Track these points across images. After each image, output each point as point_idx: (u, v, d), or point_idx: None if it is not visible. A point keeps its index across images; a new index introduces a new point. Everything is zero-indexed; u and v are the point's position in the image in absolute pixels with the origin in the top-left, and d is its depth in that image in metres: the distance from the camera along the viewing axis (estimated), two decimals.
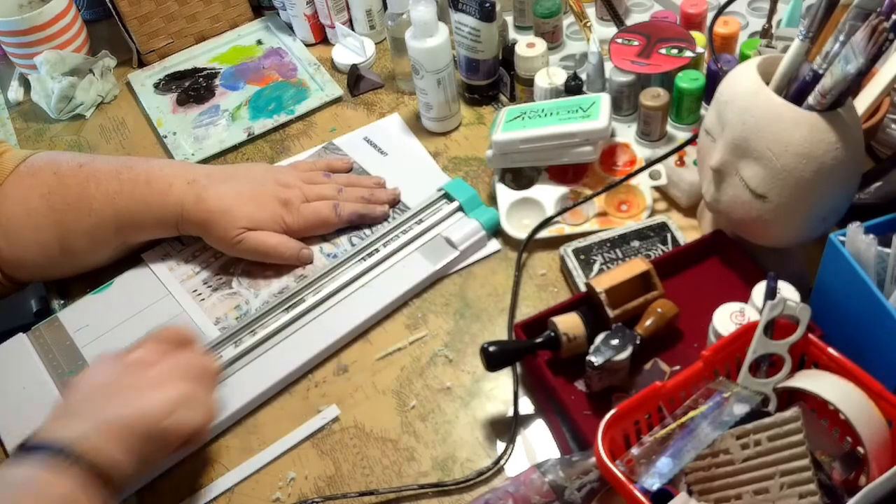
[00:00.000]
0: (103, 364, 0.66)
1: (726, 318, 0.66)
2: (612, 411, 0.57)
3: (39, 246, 0.81)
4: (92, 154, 0.88)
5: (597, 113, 0.82)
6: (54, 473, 0.56)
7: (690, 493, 0.58)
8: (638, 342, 0.68)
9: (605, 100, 0.84)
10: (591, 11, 1.01)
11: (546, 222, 0.82)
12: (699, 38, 0.87)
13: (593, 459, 0.60)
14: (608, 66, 0.89)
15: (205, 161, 0.98)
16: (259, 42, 1.15)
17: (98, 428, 0.60)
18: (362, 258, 0.83)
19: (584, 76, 0.90)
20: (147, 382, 0.64)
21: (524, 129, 0.83)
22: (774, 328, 0.61)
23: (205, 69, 1.11)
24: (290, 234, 0.83)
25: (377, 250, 0.84)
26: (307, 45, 1.12)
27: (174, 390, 0.64)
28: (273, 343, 0.78)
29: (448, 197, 0.87)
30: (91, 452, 0.58)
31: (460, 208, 0.86)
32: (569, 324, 0.69)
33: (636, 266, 0.72)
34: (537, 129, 0.83)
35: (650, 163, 0.82)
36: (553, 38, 0.98)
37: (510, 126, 0.84)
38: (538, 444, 0.70)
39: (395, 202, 0.89)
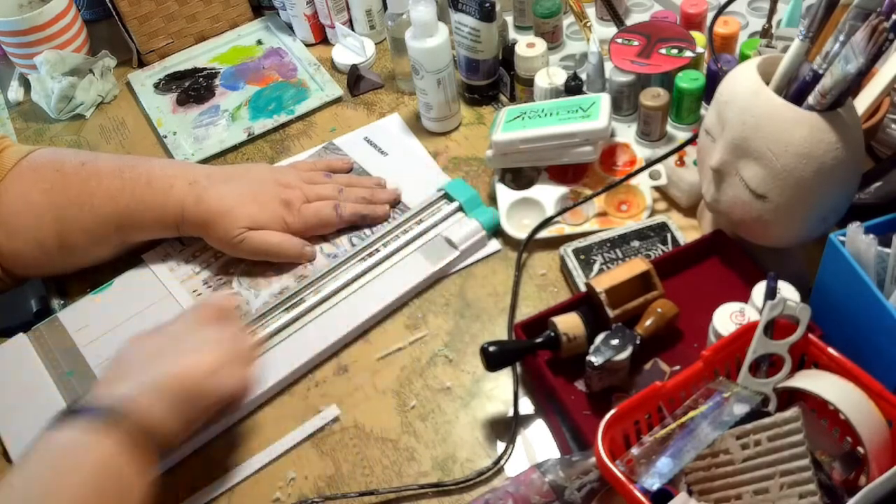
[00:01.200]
0: (144, 335, 0.68)
1: (726, 318, 0.66)
2: (612, 411, 0.57)
3: (38, 241, 0.81)
4: (94, 152, 0.89)
5: (597, 113, 0.82)
6: (95, 436, 0.57)
7: (690, 493, 0.58)
8: (638, 342, 0.68)
9: (605, 100, 0.84)
10: (591, 11, 1.01)
11: (546, 222, 0.82)
12: (699, 38, 0.87)
13: (593, 459, 0.60)
14: (608, 66, 0.89)
15: (205, 161, 0.98)
16: (259, 42, 1.15)
17: (142, 388, 0.61)
18: (362, 258, 0.83)
19: (584, 76, 0.90)
20: (188, 347, 0.65)
21: (524, 130, 0.83)
22: (774, 328, 0.61)
23: (205, 69, 1.12)
24: (291, 235, 0.83)
25: (377, 250, 0.84)
26: (307, 45, 1.12)
27: (214, 354, 0.65)
28: (273, 343, 0.78)
29: (448, 197, 0.87)
30: (135, 412, 0.59)
31: (460, 208, 0.86)
32: (569, 324, 0.69)
33: (636, 266, 0.72)
34: (537, 130, 0.83)
35: (650, 163, 0.82)
36: (553, 38, 0.98)
37: (510, 126, 0.84)
38: (538, 444, 0.70)
39: (395, 202, 0.89)
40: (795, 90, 0.66)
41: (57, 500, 0.54)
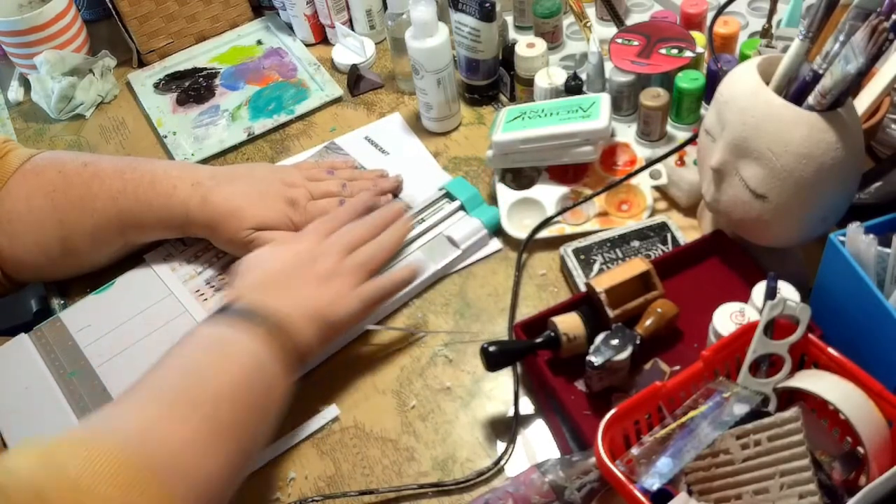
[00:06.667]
0: (275, 250, 0.74)
1: (726, 318, 0.66)
2: (612, 411, 0.57)
3: (41, 245, 0.81)
4: (97, 154, 0.88)
5: (597, 113, 0.82)
6: (248, 335, 0.63)
7: (690, 493, 0.58)
8: (638, 342, 0.68)
9: (605, 100, 0.84)
10: (591, 11, 1.01)
11: (546, 222, 0.82)
12: (699, 38, 0.87)
13: (593, 459, 0.60)
14: (608, 66, 0.89)
15: (205, 161, 0.98)
16: (259, 42, 1.15)
17: (290, 307, 0.67)
18: None
19: (584, 76, 0.90)
20: (317, 280, 0.71)
21: (524, 130, 0.83)
22: (774, 328, 0.61)
23: (205, 69, 1.12)
24: None
25: None
26: (307, 45, 1.12)
27: (341, 287, 0.71)
28: None
29: (449, 196, 0.87)
30: (286, 324, 0.65)
31: (462, 207, 0.86)
32: (569, 324, 0.69)
33: (636, 266, 0.72)
34: (537, 129, 0.83)
35: (650, 163, 0.82)
36: (553, 38, 0.98)
37: (510, 126, 0.84)
38: (538, 444, 0.70)
39: (398, 190, 0.89)
40: (795, 90, 0.66)
41: (213, 381, 0.60)
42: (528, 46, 0.91)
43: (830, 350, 0.59)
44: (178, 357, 0.63)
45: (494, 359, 0.68)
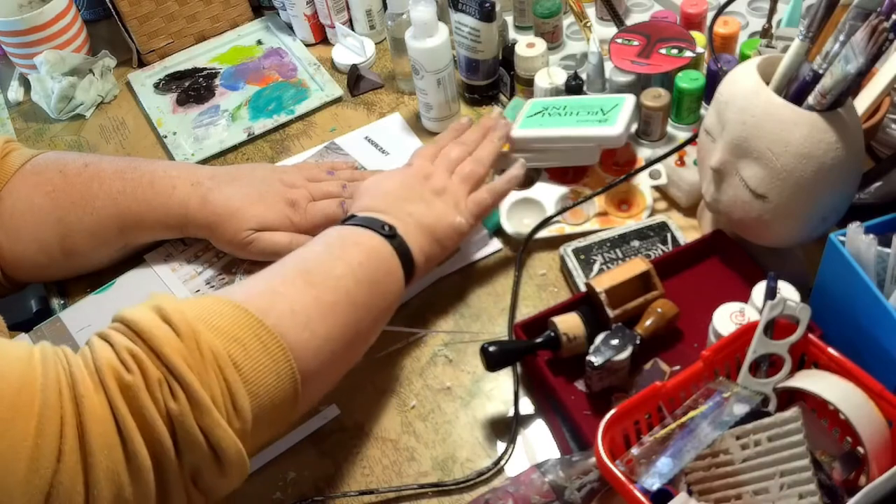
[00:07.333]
0: (390, 173, 0.78)
1: (726, 318, 0.66)
2: (612, 411, 0.57)
3: (41, 245, 0.81)
4: (98, 154, 0.88)
5: (615, 118, 0.80)
6: (371, 234, 0.68)
7: (690, 493, 0.58)
8: (638, 342, 0.68)
9: (628, 103, 0.82)
10: (591, 11, 1.01)
11: (546, 222, 0.82)
12: (699, 38, 0.87)
13: (593, 459, 0.60)
14: (608, 66, 0.89)
15: (205, 161, 0.98)
16: (259, 42, 1.15)
17: (407, 222, 0.71)
18: None
19: (584, 76, 0.90)
20: (427, 199, 0.74)
21: (540, 129, 0.83)
22: (774, 328, 0.61)
23: (205, 69, 1.12)
24: (299, 234, 0.83)
25: None
26: (307, 45, 1.12)
27: (452, 200, 0.75)
28: None
29: None
30: (403, 234, 0.69)
31: None
32: (569, 324, 0.69)
33: (636, 266, 0.72)
34: (551, 130, 0.82)
35: (650, 163, 0.82)
36: (553, 38, 0.98)
37: (529, 122, 0.84)
38: (538, 444, 0.70)
39: None
40: (795, 90, 0.66)
41: (337, 262, 0.65)
42: (528, 46, 0.91)
43: (830, 350, 0.59)
44: (304, 250, 0.67)
45: (494, 359, 0.68)
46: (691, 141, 0.82)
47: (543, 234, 0.82)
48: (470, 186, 0.77)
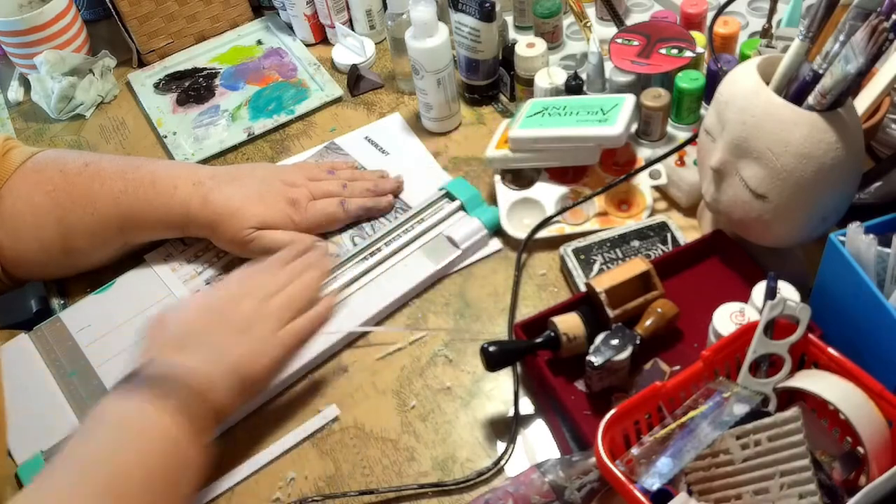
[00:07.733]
0: (193, 305, 0.71)
1: (726, 318, 0.66)
2: (612, 411, 0.57)
3: (41, 243, 0.81)
4: (99, 154, 0.89)
5: (615, 118, 0.80)
6: (153, 407, 0.59)
7: (690, 493, 0.58)
8: (638, 342, 0.68)
9: (628, 103, 0.82)
10: (591, 11, 1.01)
11: (546, 222, 0.82)
12: (699, 38, 0.87)
13: (593, 459, 0.60)
14: (608, 66, 0.89)
15: (205, 161, 0.98)
16: (259, 42, 1.15)
17: (206, 364, 0.64)
18: (364, 258, 0.83)
19: (584, 76, 0.90)
20: (248, 332, 0.67)
21: (539, 128, 0.83)
22: (774, 328, 0.61)
23: (205, 69, 1.12)
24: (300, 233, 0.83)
25: (379, 249, 0.84)
26: (307, 45, 1.12)
27: (262, 329, 0.68)
28: None
29: (449, 196, 0.87)
30: (202, 387, 0.62)
31: (462, 207, 0.86)
32: (569, 324, 0.69)
33: (636, 266, 0.72)
34: (551, 130, 0.82)
35: (650, 162, 0.82)
36: (553, 38, 0.98)
37: (529, 122, 0.84)
38: (538, 444, 0.70)
39: (398, 191, 0.89)
40: (795, 90, 0.66)
41: (122, 470, 0.57)
42: (528, 46, 0.91)
43: (830, 350, 0.59)
44: (86, 444, 0.59)
45: (494, 359, 0.68)
46: (691, 141, 0.82)
47: (543, 234, 0.82)
48: (288, 315, 0.70)
